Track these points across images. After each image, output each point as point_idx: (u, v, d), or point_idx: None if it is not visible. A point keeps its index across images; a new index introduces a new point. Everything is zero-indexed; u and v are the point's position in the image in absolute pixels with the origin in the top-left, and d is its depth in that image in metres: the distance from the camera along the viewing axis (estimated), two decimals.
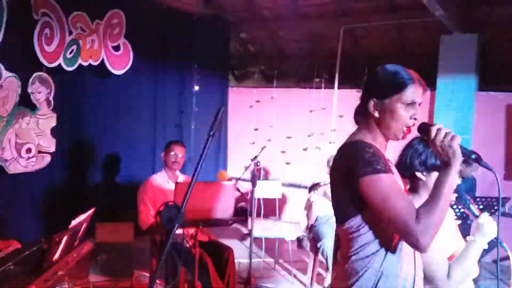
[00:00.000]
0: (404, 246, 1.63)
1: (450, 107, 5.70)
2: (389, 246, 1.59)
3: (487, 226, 1.94)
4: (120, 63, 5.24)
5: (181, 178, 4.09)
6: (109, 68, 5.15)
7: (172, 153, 4.00)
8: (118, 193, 5.36)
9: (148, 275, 4.13)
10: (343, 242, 1.65)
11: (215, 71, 6.82)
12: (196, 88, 6.47)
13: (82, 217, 2.95)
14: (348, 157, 1.59)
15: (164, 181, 4.00)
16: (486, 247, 1.96)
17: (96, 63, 5.03)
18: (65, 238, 2.69)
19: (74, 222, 2.85)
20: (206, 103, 6.47)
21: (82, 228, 3.02)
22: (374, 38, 6.54)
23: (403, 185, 1.68)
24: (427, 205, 1.48)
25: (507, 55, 5.89)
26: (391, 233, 1.59)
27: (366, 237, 1.58)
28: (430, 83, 5.92)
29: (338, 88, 6.63)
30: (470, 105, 5.80)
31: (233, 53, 7.43)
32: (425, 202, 1.51)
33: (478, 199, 4.41)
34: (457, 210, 3.87)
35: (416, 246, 1.47)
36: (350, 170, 1.55)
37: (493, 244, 1.94)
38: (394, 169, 1.67)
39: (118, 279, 4.24)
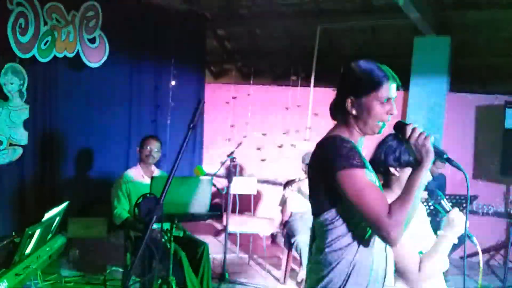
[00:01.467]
0: (376, 240, 1.68)
1: (422, 107, 5.84)
2: (362, 239, 1.64)
3: (457, 221, 2.01)
4: (95, 56, 5.17)
5: (157, 173, 4.08)
6: (85, 60, 5.08)
7: (148, 147, 3.98)
8: (91, 188, 5.30)
9: (122, 270, 4.10)
10: (318, 234, 1.70)
11: (192, 67, 6.79)
12: (173, 83, 6.43)
13: (55, 210, 2.91)
14: (326, 151, 1.63)
15: (139, 176, 3.97)
16: (456, 241, 2.04)
17: (71, 55, 4.95)
18: (38, 231, 2.65)
19: (47, 216, 2.81)
20: (182, 99, 6.44)
21: (56, 222, 2.97)
22: (350, 38, 6.63)
23: (378, 180, 1.73)
24: (399, 201, 1.54)
25: (477, 58, 6.07)
26: (364, 226, 1.64)
27: (340, 229, 1.63)
28: (403, 83, 6.05)
29: (314, 86, 6.70)
30: (442, 105, 5.95)
31: (210, 49, 7.41)
32: (397, 198, 1.56)
33: (447, 197, 4.55)
34: (427, 207, 3.98)
35: (387, 239, 1.52)
36: (327, 164, 1.59)
37: (462, 238, 2.02)
38: (369, 165, 1.72)
39: (90, 274, 4.20)
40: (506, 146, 5.41)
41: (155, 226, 3.54)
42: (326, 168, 1.59)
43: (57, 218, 3.02)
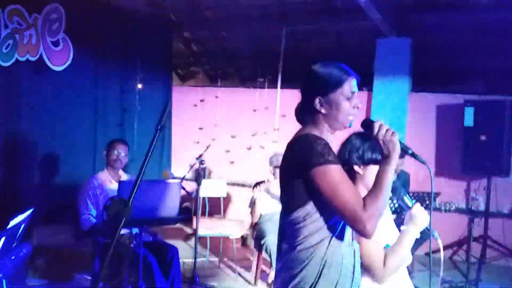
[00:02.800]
0: (345, 236, 1.73)
1: (385, 107, 6.00)
2: (332, 236, 1.69)
3: (420, 216, 2.08)
4: (59, 59, 5.07)
5: (124, 177, 4.03)
6: (48, 64, 4.99)
7: (115, 152, 3.93)
8: (57, 194, 5.18)
9: (90, 278, 4.03)
10: (288, 233, 1.73)
11: (159, 70, 6.74)
12: (139, 86, 6.37)
13: (20, 217, 2.84)
14: (300, 149, 1.68)
15: (106, 181, 3.92)
16: (418, 236, 2.11)
17: (34, 59, 4.86)
18: (2, 239, 2.59)
19: (12, 223, 2.75)
20: (149, 102, 6.39)
21: (21, 229, 2.91)
22: (315, 40, 6.74)
23: None
24: (372, 195, 1.61)
25: (437, 58, 6.28)
26: (334, 223, 1.69)
27: (311, 227, 1.67)
28: (367, 84, 6.22)
29: (281, 88, 6.78)
30: (404, 105, 6.13)
31: (176, 52, 7.38)
32: (369, 191, 1.64)
33: (411, 194, 4.68)
34: (392, 205, 4.09)
35: (363, 232, 1.59)
36: (302, 161, 1.64)
37: (426, 234, 2.09)
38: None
39: (57, 282, 4.11)
40: (465, 144, 5.61)
41: (124, 231, 3.54)
42: (301, 165, 1.64)
43: (22, 226, 2.94)
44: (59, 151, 5.33)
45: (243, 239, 5.93)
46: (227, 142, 7.03)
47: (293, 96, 1.86)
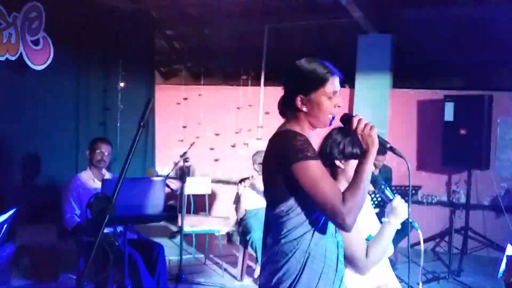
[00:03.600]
0: (328, 229, 1.77)
1: (367, 103, 6.06)
2: (315, 229, 1.72)
3: (400, 208, 2.13)
4: (40, 58, 5.02)
5: (108, 176, 4.01)
6: (28, 63, 4.93)
7: (98, 151, 3.91)
8: (40, 194, 5.13)
9: (75, 277, 4.01)
10: (273, 226, 1.76)
11: (141, 68, 6.71)
12: (122, 84, 6.33)
13: (2, 217, 2.82)
14: (280, 145, 1.71)
15: (89, 180, 3.90)
16: (399, 227, 2.15)
17: (13, 58, 4.79)
18: None
19: None
20: (132, 101, 6.35)
21: (3, 230, 2.88)
22: (297, 37, 6.78)
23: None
24: (351, 189, 1.64)
25: (418, 54, 6.37)
26: (317, 217, 1.72)
27: (294, 221, 1.70)
28: (349, 81, 6.28)
29: (264, 85, 6.80)
30: (386, 101, 6.21)
31: (158, 49, 7.35)
32: (348, 186, 1.67)
33: (393, 188, 4.76)
34: (374, 198, 4.15)
35: (343, 225, 1.62)
36: (283, 157, 1.67)
37: (408, 227, 2.13)
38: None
39: (42, 282, 4.08)
40: (446, 138, 5.71)
41: (108, 230, 3.52)
42: (282, 161, 1.67)
43: (5, 226, 2.92)
44: (41, 151, 5.27)
45: (229, 236, 5.94)
46: (211, 140, 7.03)
47: (277, 93, 1.88)
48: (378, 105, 6.13)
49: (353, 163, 1.98)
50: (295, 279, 1.69)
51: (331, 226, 1.77)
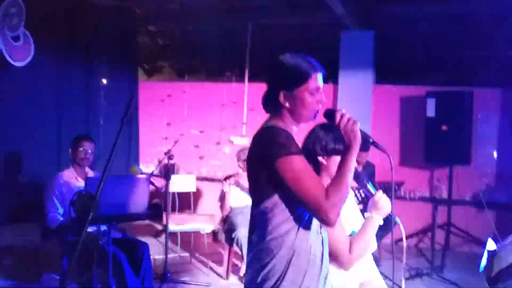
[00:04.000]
0: (313, 225, 1.77)
1: (351, 99, 6.08)
2: (300, 225, 1.73)
3: (382, 203, 2.14)
4: (20, 54, 4.92)
5: (91, 174, 3.97)
6: (8, 59, 4.82)
7: (81, 149, 3.87)
8: (21, 193, 5.04)
9: (58, 277, 3.97)
10: (258, 223, 1.76)
11: (124, 65, 6.63)
12: (104, 81, 6.25)
13: None
14: (264, 141, 1.71)
15: (72, 178, 3.85)
16: (381, 222, 2.17)
17: None
18: None
19: None
20: (115, 98, 6.27)
21: None
22: (280, 33, 6.78)
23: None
24: (334, 184, 1.65)
25: (400, 50, 6.43)
26: (301, 213, 1.72)
27: (279, 217, 1.71)
28: (332, 77, 6.32)
29: (249, 82, 6.80)
30: (368, 97, 6.26)
31: (142, 46, 7.29)
32: (331, 181, 1.67)
33: (377, 184, 4.80)
34: (358, 195, 4.18)
35: (326, 221, 1.63)
36: (266, 153, 1.67)
37: (391, 222, 2.15)
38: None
39: (25, 283, 4.02)
40: (428, 134, 5.78)
41: (92, 229, 3.49)
42: (265, 157, 1.67)
43: None
44: (23, 149, 5.18)
45: (214, 234, 5.93)
46: (195, 137, 7.00)
47: (261, 90, 1.87)
48: (361, 101, 6.16)
49: (336, 159, 2.00)
50: (281, 276, 1.69)
51: (315, 223, 1.77)
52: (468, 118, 5.65)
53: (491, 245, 2.09)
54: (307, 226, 1.75)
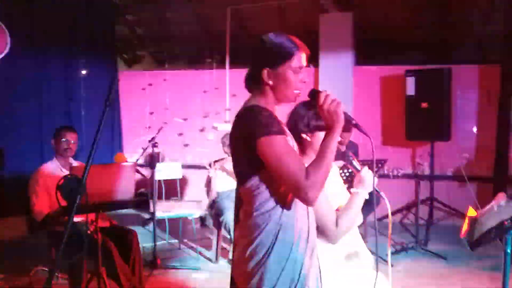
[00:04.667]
0: (298, 201, 1.81)
1: (332, 81, 6.13)
2: (285, 201, 1.76)
3: (367, 178, 2.20)
4: None
5: (75, 165, 3.94)
6: None
7: (64, 139, 3.83)
8: (6, 187, 5.01)
9: (48, 269, 3.96)
10: (245, 201, 1.79)
11: (102, 55, 6.56)
12: (84, 72, 6.19)
13: None
14: (245, 121, 1.73)
15: (56, 169, 3.82)
16: (367, 197, 2.23)
17: None
18: None
19: None
20: (95, 89, 6.22)
21: None
22: (260, 18, 6.77)
23: (296, 145, 1.85)
24: (314, 164, 1.67)
25: (378, 31, 6.48)
26: (286, 189, 1.75)
27: (265, 194, 1.73)
28: (313, 60, 6.34)
29: (230, 68, 6.79)
30: (349, 79, 6.31)
31: (120, 36, 7.21)
32: (312, 161, 1.69)
33: (360, 162, 4.87)
34: (343, 174, 4.25)
35: (305, 199, 1.65)
36: (248, 133, 1.68)
37: (376, 199, 2.19)
38: (287, 131, 1.83)
39: (14, 276, 4.01)
40: (408, 112, 5.87)
41: (79, 218, 3.48)
42: (247, 137, 1.68)
43: None
44: (5, 143, 5.14)
45: (202, 219, 5.97)
46: (179, 125, 6.99)
47: (242, 75, 1.88)
48: (342, 83, 6.22)
49: (320, 135, 2.03)
50: (268, 250, 1.72)
51: None
52: (447, 95, 5.75)
53: (471, 212, 2.16)
54: (292, 201, 1.77)
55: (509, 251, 1.99)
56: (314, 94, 1.78)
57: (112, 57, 6.87)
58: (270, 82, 1.77)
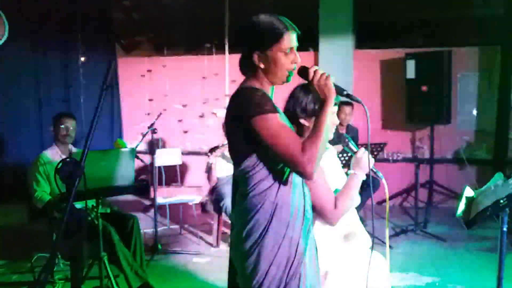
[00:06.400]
0: (294, 180, 1.82)
1: (332, 65, 6.10)
2: (281, 180, 1.77)
3: (364, 160, 2.20)
4: None
5: (74, 151, 3.95)
6: None
7: (62, 125, 3.83)
8: (6, 174, 5.02)
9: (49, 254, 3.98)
10: (241, 182, 1.80)
11: (101, 42, 6.54)
12: (82, 59, 6.17)
13: None
14: (239, 101, 1.74)
15: (56, 156, 3.83)
16: (364, 178, 2.23)
17: None
18: None
19: None
20: (94, 76, 6.21)
21: None
22: (259, 2, 6.71)
23: (292, 127, 1.85)
24: (310, 138, 1.68)
25: (378, 14, 6.44)
26: (282, 168, 1.76)
27: (261, 174, 1.75)
28: (313, 44, 6.31)
29: (229, 53, 6.76)
30: (349, 62, 6.28)
31: (117, 22, 7.16)
32: (308, 135, 1.70)
33: (359, 145, 4.87)
34: (342, 158, 4.26)
35: (304, 174, 1.67)
36: (242, 113, 1.69)
37: (375, 182, 2.19)
38: (281, 111, 1.83)
39: (16, 262, 4.05)
40: (408, 96, 5.85)
41: (79, 205, 3.50)
42: (241, 117, 1.69)
43: None
44: (4, 130, 5.15)
45: (203, 205, 6.00)
46: (179, 112, 6.99)
47: None
48: (342, 67, 6.19)
49: None
50: (265, 228, 1.74)
51: (297, 177, 1.82)
52: (447, 78, 5.73)
53: (468, 192, 2.17)
54: (288, 181, 1.79)
55: (505, 229, 2.00)
56: (303, 70, 1.79)
57: (110, 44, 6.84)
58: (262, 65, 1.78)
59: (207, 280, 3.95)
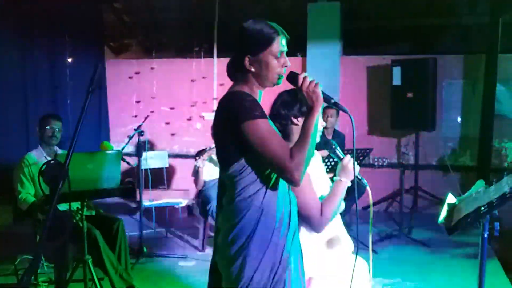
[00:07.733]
0: (280, 186, 1.84)
1: (319, 71, 6.15)
2: (268, 186, 1.79)
3: (350, 166, 2.22)
4: None
5: (60, 153, 3.92)
6: None
7: (48, 127, 3.81)
8: None
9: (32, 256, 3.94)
10: (228, 186, 1.82)
11: (89, 43, 6.50)
12: (69, 60, 6.13)
13: None
14: (229, 106, 1.75)
15: (41, 157, 3.80)
16: (349, 184, 2.25)
17: None
18: None
19: None
20: (81, 77, 6.13)
21: None
22: (247, 7, 6.75)
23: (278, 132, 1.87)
24: (298, 144, 1.70)
25: (365, 21, 6.51)
26: (269, 174, 1.78)
27: (248, 179, 1.76)
28: (300, 50, 6.36)
29: (217, 57, 6.77)
30: (337, 68, 6.33)
31: (107, 24, 7.14)
32: (296, 142, 1.73)
33: (346, 151, 4.91)
34: (328, 163, 4.29)
35: (291, 180, 1.69)
36: (231, 117, 1.71)
37: (360, 187, 2.21)
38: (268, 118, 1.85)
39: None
40: (394, 102, 5.92)
41: (64, 207, 3.48)
42: (231, 121, 1.71)
43: None
44: None
45: (189, 208, 5.99)
46: (166, 114, 6.97)
47: None
48: (330, 73, 6.24)
49: (301, 122, 2.04)
50: (250, 234, 1.75)
51: (283, 183, 1.83)
52: (432, 85, 5.80)
53: (451, 198, 2.20)
54: (274, 187, 1.81)
55: (486, 235, 2.04)
56: (293, 76, 1.81)
57: (99, 46, 6.80)
58: (252, 69, 1.80)
59: (193, 284, 3.94)
